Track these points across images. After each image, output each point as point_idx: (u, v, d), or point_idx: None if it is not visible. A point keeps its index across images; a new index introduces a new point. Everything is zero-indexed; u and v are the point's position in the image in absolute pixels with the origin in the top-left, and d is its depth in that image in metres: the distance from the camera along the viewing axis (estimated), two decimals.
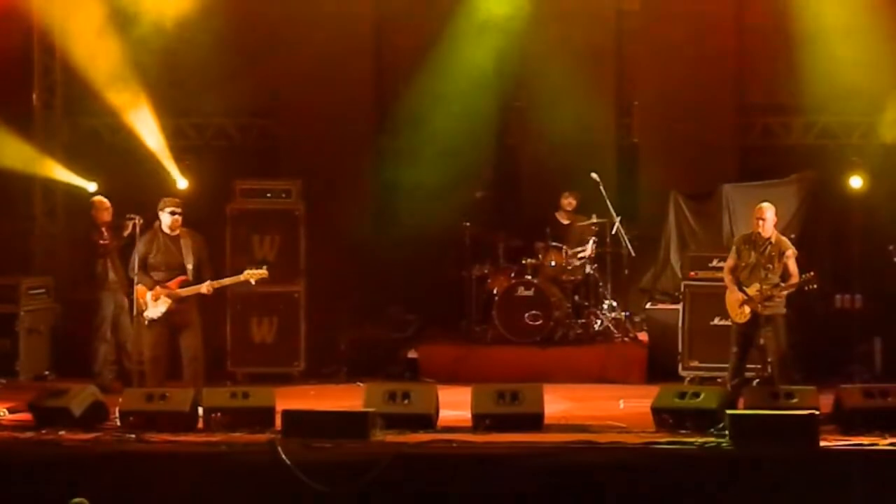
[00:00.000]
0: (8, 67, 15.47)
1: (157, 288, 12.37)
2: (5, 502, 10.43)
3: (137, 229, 12.79)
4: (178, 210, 12.54)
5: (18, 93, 15.79)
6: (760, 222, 12.18)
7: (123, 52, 14.93)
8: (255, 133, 16.78)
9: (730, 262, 12.38)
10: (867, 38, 14.90)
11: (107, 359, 14.07)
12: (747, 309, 12.09)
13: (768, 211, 12.26)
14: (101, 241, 14.09)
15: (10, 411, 12.12)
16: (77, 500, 9.43)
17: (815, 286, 12.16)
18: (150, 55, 15.37)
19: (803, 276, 12.08)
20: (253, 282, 12.64)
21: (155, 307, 12.35)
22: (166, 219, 12.49)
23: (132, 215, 13.41)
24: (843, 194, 14.91)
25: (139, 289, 12.41)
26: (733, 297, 12.21)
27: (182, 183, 14.64)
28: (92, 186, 15.42)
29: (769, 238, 12.22)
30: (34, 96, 15.96)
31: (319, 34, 15.91)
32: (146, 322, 12.40)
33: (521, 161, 16.31)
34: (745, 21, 16.01)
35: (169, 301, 12.32)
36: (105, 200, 14.37)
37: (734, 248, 12.40)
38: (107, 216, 14.25)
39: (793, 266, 12.13)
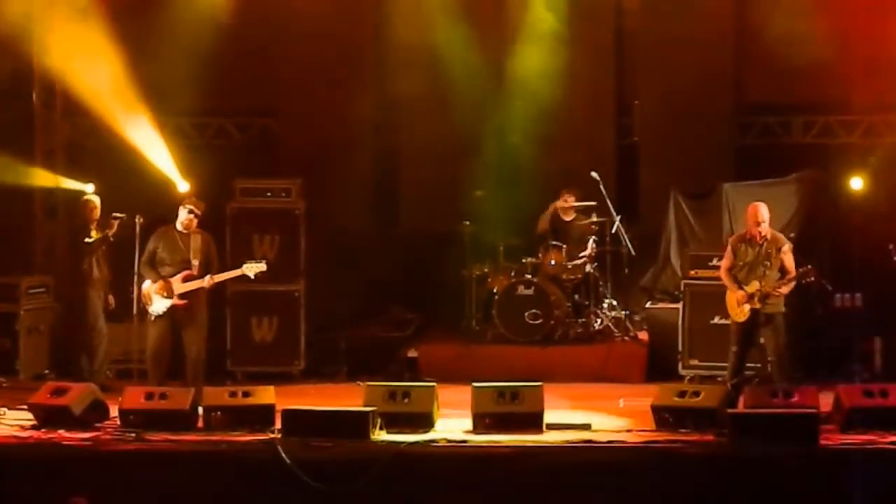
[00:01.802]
0: (7, 68, 15.45)
1: (161, 282, 12.41)
2: (5, 502, 10.43)
3: (138, 228, 12.80)
4: (196, 211, 12.61)
5: (18, 93, 15.79)
6: (763, 225, 12.12)
7: (123, 52, 14.94)
8: (255, 133, 16.80)
9: (725, 262, 12.35)
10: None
11: (107, 356, 14.07)
12: (747, 307, 12.08)
13: (765, 211, 12.21)
14: (87, 240, 14.09)
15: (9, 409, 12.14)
16: (75, 499, 9.45)
17: (812, 279, 12.16)
18: (150, 55, 15.38)
19: (800, 269, 12.07)
20: (252, 275, 12.66)
21: (160, 302, 12.40)
22: (182, 216, 12.59)
23: (118, 214, 13.50)
24: (843, 194, 14.92)
25: (146, 284, 12.47)
26: (733, 296, 12.20)
27: (183, 186, 14.62)
28: (90, 187, 15.43)
29: (765, 235, 12.21)
30: (34, 96, 15.95)
31: (320, 34, 15.91)
32: (152, 317, 12.44)
33: (521, 161, 16.31)
34: (746, 21, 16.00)
35: (171, 295, 12.36)
36: (94, 199, 14.39)
37: (729, 248, 12.35)
38: (96, 215, 14.28)
39: (789, 261, 12.13)
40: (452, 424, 11.35)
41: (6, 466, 10.55)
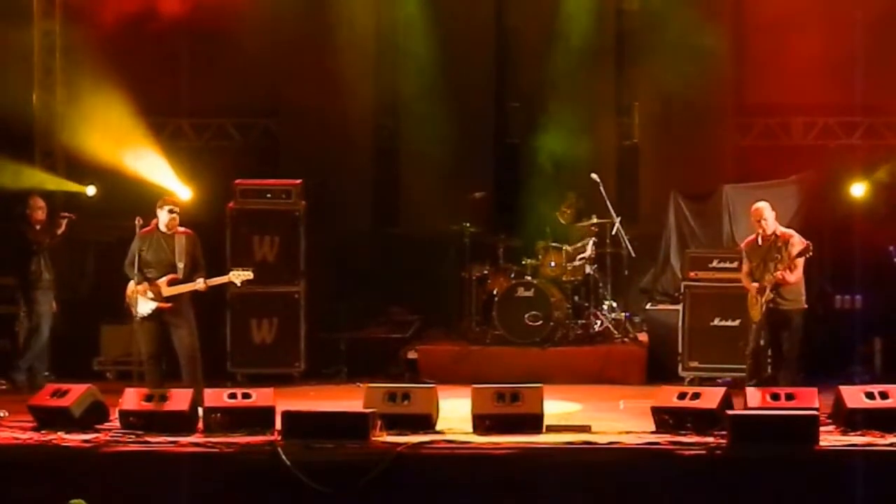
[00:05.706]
0: (8, 66, 15.46)
1: (145, 284, 12.29)
2: (5, 502, 10.43)
3: (137, 229, 12.74)
4: (176, 209, 12.46)
5: (18, 92, 15.79)
6: (763, 222, 12.21)
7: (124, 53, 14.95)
8: (255, 133, 16.80)
9: (744, 267, 12.47)
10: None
11: (43, 356, 14.03)
12: (762, 300, 12.11)
13: (766, 211, 12.28)
14: (34, 240, 14.05)
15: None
16: (75, 500, 9.44)
17: (811, 254, 12.12)
18: (150, 55, 15.39)
19: (799, 248, 12.11)
20: (238, 283, 12.59)
21: (144, 304, 12.30)
22: (164, 217, 12.41)
23: (66, 213, 13.43)
24: (844, 195, 14.93)
25: (130, 286, 12.37)
26: (751, 293, 12.25)
27: (186, 193, 14.57)
28: (91, 190, 15.42)
29: (773, 233, 12.28)
30: (34, 96, 15.95)
31: (320, 34, 15.92)
32: (137, 319, 12.34)
33: (521, 161, 16.31)
34: (746, 21, 16.00)
35: (158, 298, 12.26)
36: (39, 199, 14.35)
37: (743, 253, 12.48)
38: (41, 215, 14.22)
39: (793, 252, 12.14)
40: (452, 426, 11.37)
41: (6, 468, 10.54)
